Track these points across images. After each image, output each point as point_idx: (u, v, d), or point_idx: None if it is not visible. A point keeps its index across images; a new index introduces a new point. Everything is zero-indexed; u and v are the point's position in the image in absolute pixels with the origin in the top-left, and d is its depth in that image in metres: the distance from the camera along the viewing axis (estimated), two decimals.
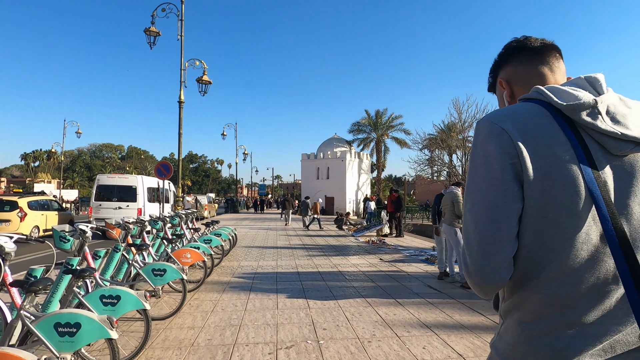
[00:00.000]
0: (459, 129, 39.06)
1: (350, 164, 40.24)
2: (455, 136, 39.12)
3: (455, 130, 41.62)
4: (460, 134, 29.87)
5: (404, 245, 12.65)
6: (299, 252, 10.97)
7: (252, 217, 32.64)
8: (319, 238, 14.75)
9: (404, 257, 10.07)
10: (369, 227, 15.39)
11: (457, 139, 38.49)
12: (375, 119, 40.92)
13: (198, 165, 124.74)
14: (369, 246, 12.33)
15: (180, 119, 16.37)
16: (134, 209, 15.98)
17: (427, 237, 16.81)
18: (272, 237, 15.04)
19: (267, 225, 23.08)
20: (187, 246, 6.88)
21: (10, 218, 13.21)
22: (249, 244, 12.74)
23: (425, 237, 17.36)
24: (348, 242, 13.58)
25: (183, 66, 16.42)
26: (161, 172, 14.67)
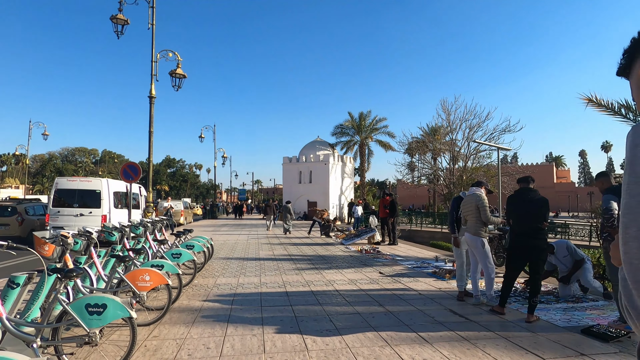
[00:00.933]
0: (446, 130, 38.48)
1: (334, 167, 39.05)
2: (440, 139, 38.61)
3: (439, 134, 41.16)
4: (447, 136, 29.05)
5: (401, 254, 11.41)
6: (285, 264, 9.58)
7: (231, 222, 31.01)
8: (306, 247, 13.39)
9: (406, 269, 8.81)
10: (359, 234, 14.12)
11: (442, 141, 37.98)
12: (359, 121, 39.91)
13: (176, 170, 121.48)
14: (363, 256, 11.04)
15: (151, 115, 14.83)
16: (98, 216, 14.29)
17: (421, 245, 15.68)
18: (254, 246, 13.60)
19: (248, 231, 21.56)
20: (147, 265, 5.43)
21: None
22: (227, 255, 11.27)
23: (418, 244, 16.22)
24: (338, 251, 12.26)
25: (154, 58, 14.91)
26: (128, 174, 13.08)
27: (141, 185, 19.55)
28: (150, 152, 14.83)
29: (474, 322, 4.85)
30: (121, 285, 4.87)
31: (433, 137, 37.87)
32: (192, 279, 7.20)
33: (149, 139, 14.83)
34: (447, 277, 7.58)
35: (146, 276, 4.85)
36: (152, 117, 14.82)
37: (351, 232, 17.66)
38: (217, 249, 12.62)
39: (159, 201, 31.45)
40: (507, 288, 5.13)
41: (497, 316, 5.09)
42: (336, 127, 40.67)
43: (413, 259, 10.40)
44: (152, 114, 14.81)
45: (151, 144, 14.83)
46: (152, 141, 14.85)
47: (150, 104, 14.83)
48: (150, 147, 14.83)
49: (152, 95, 14.77)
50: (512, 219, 5.13)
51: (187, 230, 9.68)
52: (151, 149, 14.83)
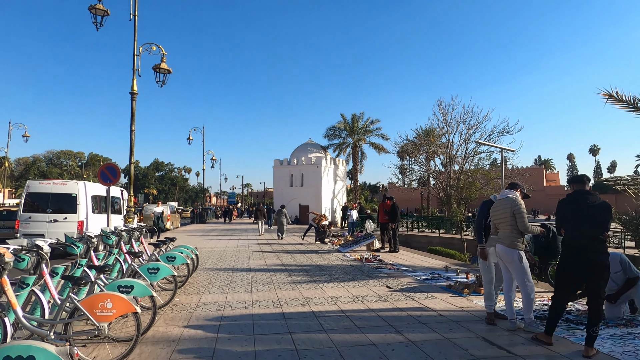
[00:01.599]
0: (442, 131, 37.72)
1: (326, 170, 38.13)
2: (433, 141, 37.93)
3: (433, 136, 40.51)
4: (442, 137, 28.28)
5: (406, 263, 10.47)
6: (279, 276, 8.57)
7: (221, 227, 29.86)
8: (301, 255, 12.39)
9: (416, 282, 7.87)
10: (357, 240, 13.17)
11: (436, 143, 37.29)
12: (352, 123, 39.09)
13: (164, 174, 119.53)
14: (364, 266, 10.08)
15: (133, 113, 13.76)
16: (74, 222, 13.13)
17: (421, 251, 14.78)
18: (244, 254, 12.56)
19: (238, 237, 20.49)
20: (113, 286, 4.40)
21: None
22: (215, 265, 10.22)
23: (416, 250, 15.32)
24: (336, 260, 11.28)
25: (136, 51, 13.85)
26: (106, 176, 11.98)
27: (123, 189, 18.38)
28: (132, 153, 13.75)
29: (519, 358, 3.91)
30: (75, 314, 3.84)
31: (427, 139, 37.28)
32: (172, 297, 6.16)
33: (130, 138, 13.76)
34: (465, 293, 6.65)
35: (108, 303, 3.81)
36: (133, 115, 13.75)
37: (347, 237, 16.72)
38: (204, 257, 11.56)
39: (144, 206, 30.14)
40: (557, 313, 4.20)
41: (544, 347, 4.16)
42: (328, 129, 39.87)
43: (420, 269, 9.47)
44: (133, 111, 13.75)
45: (132, 144, 13.75)
46: (133, 141, 13.77)
47: (132, 100, 13.77)
48: (132, 147, 13.75)
49: (134, 92, 13.72)
50: (565, 228, 4.21)
51: (169, 238, 8.64)
52: (132, 149, 13.75)
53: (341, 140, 39.53)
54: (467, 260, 18.95)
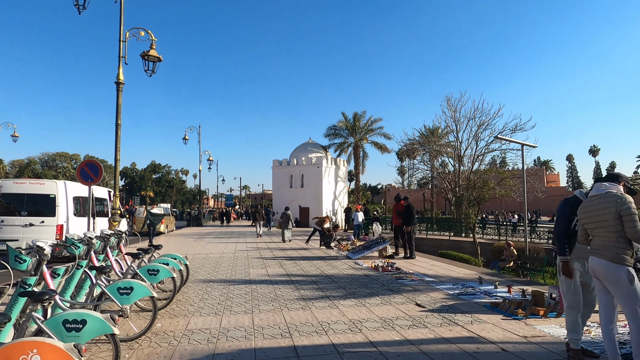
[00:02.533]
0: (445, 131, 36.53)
1: (327, 170, 36.81)
2: (437, 141, 36.71)
3: (437, 135, 39.30)
4: (446, 136, 26.93)
5: (429, 272, 9.15)
6: (284, 290, 7.23)
7: (217, 230, 28.47)
8: (306, 263, 11.04)
9: (449, 297, 6.54)
10: (369, 246, 11.82)
11: (440, 143, 36.07)
12: (353, 122, 37.79)
13: (161, 176, 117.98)
14: (381, 276, 8.75)
15: (119, 105, 12.42)
16: (52, 226, 11.77)
17: (436, 256, 13.49)
18: (243, 262, 11.21)
19: (236, 240, 19.13)
20: (56, 322, 3.05)
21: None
22: (208, 276, 8.87)
23: (427, 254, 14.02)
24: (347, 268, 9.95)
25: (123, 37, 12.52)
26: (86, 175, 10.63)
27: (111, 190, 17.02)
28: (117, 148, 12.37)
29: None
30: None
31: (431, 138, 36.05)
32: (151, 324, 4.80)
33: (116, 132, 12.40)
34: (520, 315, 5.32)
35: (34, 355, 2.48)
36: (119, 107, 12.40)
37: (354, 242, 15.40)
38: (197, 266, 10.21)
39: (137, 208, 28.75)
40: None
41: None
42: (329, 129, 38.55)
43: (448, 280, 8.14)
44: (119, 103, 12.40)
45: (118, 139, 12.39)
46: (119, 135, 12.41)
47: (117, 90, 12.42)
48: (118, 142, 12.38)
49: (120, 81, 12.38)
50: None
51: (155, 246, 7.30)
52: (118, 144, 12.39)
53: (342, 139, 38.25)
54: (481, 264, 17.68)
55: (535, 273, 12.88)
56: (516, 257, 14.26)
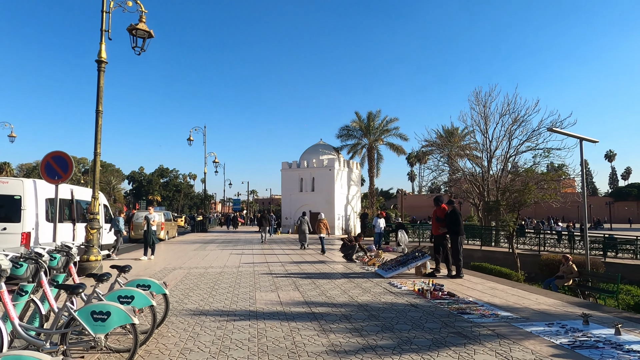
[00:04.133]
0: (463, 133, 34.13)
1: (339, 173, 34.54)
2: (457, 142, 34.30)
3: (457, 135, 36.85)
4: (478, 133, 24.52)
5: (495, 301, 6.82)
6: (306, 334, 4.97)
7: (222, 237, 26.31)
8: (327, 282, 8.78)
9: (561, 354, 4.24)
10: (404, 261, 9.49)
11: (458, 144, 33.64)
12: (368, 122, 35.55)
13: (169, 180, 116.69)
14: (430, 305, 6.46)
15: (100, 88, 10.39)
16: (16, 234, 9.64)
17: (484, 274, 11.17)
18: (247, 279, 8.98)
19: (241, 249, 16.95)
20: None
21: None
22: (201, 304, 6.63)
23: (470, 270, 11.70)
24: (382, 291, 7.68)
25: (107, 7, 10.49)
26: (52, 170, 8.56)
27: (100, 192, 14.92)
28: (98, 139, 10.30)
29: None
30: None
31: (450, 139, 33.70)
32: None
33: (96, 120, 10.33)
34: None
35: None
36: (101, 90, 10.35)
37: (379, 254, 13.11)
38: (191, 286, 7.99)
39: (134, 212, 26.69)
40: None
41: None
42: (341, 129, 36.39)
43: (532, 315, 5.82)
44: (101, 85, 10.35)
45: (99, 128, 10.33)
46: (100, 124, 10.35)
47: (98, 71, 10.38)
48: (98, 131, 10.32)
49: (102, 59, 10.34)
50: None
51: (119, 267, 5.15)
52: (99, 134, 10.32)
53: (356, 140, 36.02)
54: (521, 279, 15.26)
55: (607, 295, 10.49)
56: (576, 274, 11.86)
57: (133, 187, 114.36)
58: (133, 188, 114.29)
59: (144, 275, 9.31)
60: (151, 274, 10.10)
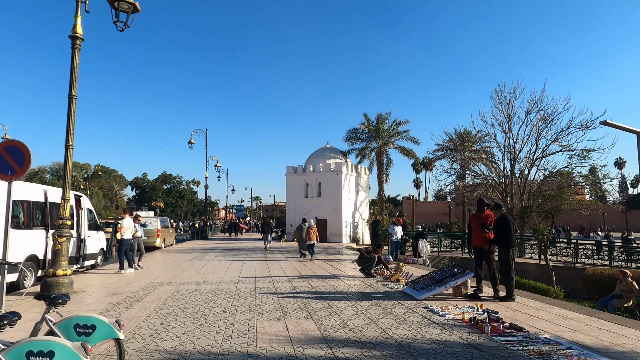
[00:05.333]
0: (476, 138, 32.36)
1: (347, 178, 32.82)
2: (470, 145, 32.46)
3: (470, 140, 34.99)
4: (505, 135, 22.64)
5: (580, 338, 5.04)
6: None
7: (223, 245, 24.58)
8: (346, 305, 7.03)
9: None
10: (439, 279, 7.68)
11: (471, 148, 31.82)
12: (377, 124, 33.84)
13: (172, 186, 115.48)
14: (498, 346, 4.70)
15: (74, 68, 8.78)
16: None
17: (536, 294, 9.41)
18: (247, 301, 7.24)
19: (242, 259, 15.21)
20: None
21: None
22: (180, 342, 4.87)
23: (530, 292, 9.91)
24: (422, 321, 5.92)
25: None
26: (5, 164, 6.86)
27: (82, 195, 13.27)
28: (70, 131, 8.65)
29: None
30: None
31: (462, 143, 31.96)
32: None
33: (69, 107, 8.70)
34: None
35: None
36: (75, 72, 8.73)
37: (400, 267, 11.33)
38: (174, 311, 6.23)
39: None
40: None
41: None
42: (349, 132, 34.63)
43: None
44: (75, 65, 8.73)
45: (72, 116, 8.69)
46: (73, 112, 8.71)
47: (72, 49, 8.76)
48: (71, 121, 8.67)
49: (77, 35, 8.73)
50: None
51: (51, 299, 3.40)
52: (71, 124, 8.68)
53: (364, 144, 34.27)
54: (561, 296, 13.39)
55: None
56: (638, 293, 10.03)
57: (136, 193, 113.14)
58: (136, 194, 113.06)
59: (120, 292, 7.60)
60: (132, 291, 8.38)
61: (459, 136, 33.99)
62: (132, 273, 11.34)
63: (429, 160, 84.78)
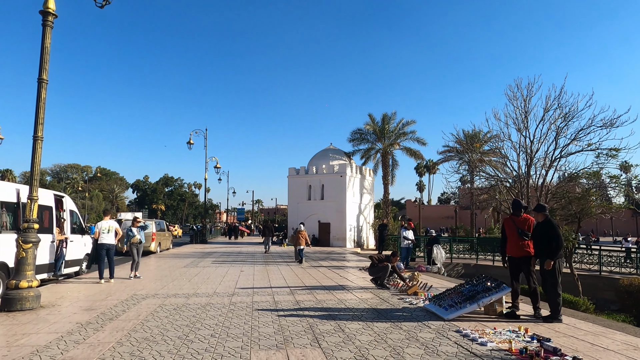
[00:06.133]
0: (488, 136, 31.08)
1: (351, 180, 31.63)
2: (479, 147, 31.20)
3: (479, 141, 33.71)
4: (520, 134, 21.29)
5: None
6: None
7: (221, 250, 23.41)
8: (361, 328, 5.84)
9: None
10: (471, 295, 6.45)
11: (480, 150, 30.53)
12: (382, 125, 32.65)
13: (173, 189, 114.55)
14: None
15: (45, 48, 7.62)
16: None
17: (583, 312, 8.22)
18: (240, 321, 6.06)
19: (240, 266, 14.02)
20: None
21: None
22: None
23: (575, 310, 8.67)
24: (460, 354, 4.72)
25: None
26: None
27: (64, 195, 12.13)
28: (39, 120, 7.50)
29: None
30: None
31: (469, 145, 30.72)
32: None
33: (38, 93, 7.57)
34: None
35: None
36: (46, 52, 7.59)
37: (415, 277, 10.13)
38: (151, 337, 5.01)
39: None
40: None
41: None
42: (354, 132, 33.42)
43: None
44: (46, 45, 7.58)
45: (41, 103, 7.55)
46: (42, 97, 7.57)
47: (43, 26, 7.64)
48: (39, 110, 7.54)
49: (49, 10, 7.62)
50: None
51: None
52: (40, 113, 7.53)
53: (369, 145, 33.05)
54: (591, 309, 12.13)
55: None
56: None
57: (137, 195, 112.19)
58: (137, 197, 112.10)
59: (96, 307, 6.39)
60: (109, 306, 7.21)
61: (468, 137, 32.78)
62: (113, 283, 10.13)
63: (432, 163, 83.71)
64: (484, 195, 27.93)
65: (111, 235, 10.35)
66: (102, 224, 10.45)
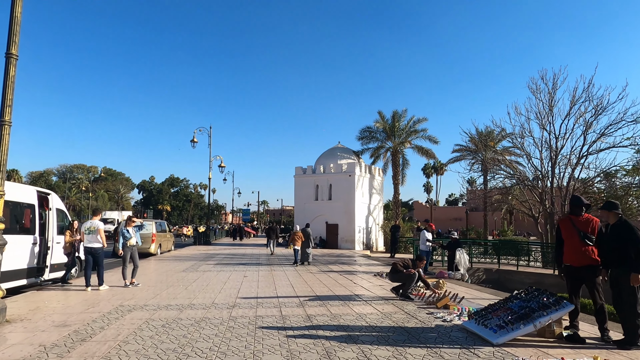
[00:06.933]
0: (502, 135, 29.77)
1: (360, 180, 30.45)
2: (493, 145, 29.87)
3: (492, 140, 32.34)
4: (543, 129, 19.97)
5: None
6: None
7: (225, 252, 22.32)
8: (386, 353, 4.70)
9: None
10: (524, 314, 5.23)
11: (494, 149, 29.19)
12: (392, 122, 31.40)
13: (179, 190, 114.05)
14: None
15: (14, 19, 6.54)
16: None
17: None
18: (241, 344, 4.89)
19: (244, 270, 12.90)
20: None
21: None
22: None
23: None
24: None
25: None
26: None
27: (50, 192, 11.06)
28: (6, 102, 6.42)
29: None
30: None
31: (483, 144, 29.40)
32: None
33: (6, 69, 6.49)
34: None
35: None
36: (15, 22, 6.50)
37: (440, 285, 8.96)
38: None
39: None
40: None
41: None
42: (363, 131, 32.20)
43: None
44: (15, 15, 6.47)
45: (9, 81, 6.46)
46: (11, 75, 6.48)
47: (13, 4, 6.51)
48: (8, 87, 6.44)
49: None
50: None
51: None
52: (8, 92, 6.43)
53: (378, 143, 31.81)
54: None
55: None
56: None
57: (143, 196, 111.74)
58: (143, 197, 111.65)
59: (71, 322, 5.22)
60: (88, 320, 6.09)
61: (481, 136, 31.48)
62: (101, 291, 9.02)
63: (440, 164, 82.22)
64: (496, 196, 26.68)
65: (95, 237, 9.21)
66: (85, 224, 9.34)
